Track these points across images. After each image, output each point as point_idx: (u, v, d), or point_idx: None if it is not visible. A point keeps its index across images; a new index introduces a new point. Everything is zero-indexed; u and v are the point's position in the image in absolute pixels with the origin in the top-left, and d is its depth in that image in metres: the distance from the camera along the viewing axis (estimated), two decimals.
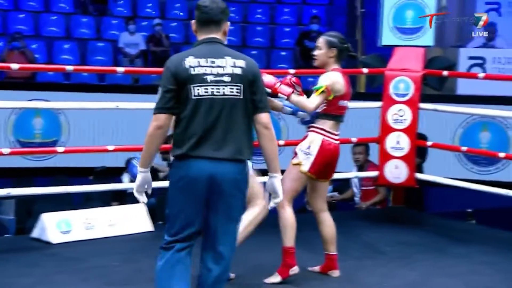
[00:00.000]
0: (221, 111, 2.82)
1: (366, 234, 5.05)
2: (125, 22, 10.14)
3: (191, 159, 2.81)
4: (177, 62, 2.82)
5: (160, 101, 2.82)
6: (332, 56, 3.84)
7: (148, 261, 4.20)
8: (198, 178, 2.82)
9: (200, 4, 2.94)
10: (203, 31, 2.92)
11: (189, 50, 2.90)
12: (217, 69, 2.83)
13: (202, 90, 2.80)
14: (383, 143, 5.51)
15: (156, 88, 2.89)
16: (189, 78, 2.80)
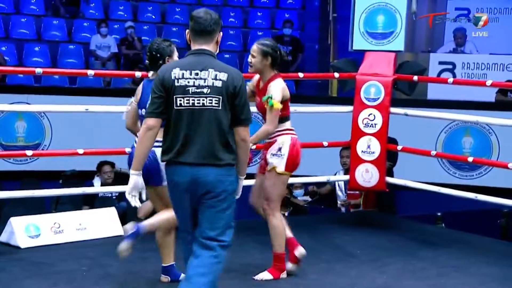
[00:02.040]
0: (201, 121, 3.04)
1: (337, 237, 5.07)
2: (97, 25, 10.07)
3: (176, 164, 3.08)
4: (166, 71, 3.08)
5: (150, 105, 3.09)
6: (267, 63, 3.97)
7: (118, 265, 4.18)
8: (185, 182, 3.08)
9: (194, 14, 3.16)
10: (196, 40, 3.14)
11: (179, 60, 3.19)
12: (199, 81, 3.05)
13: (184, 100, 3.04)
14: (354, 147, 5.53)
15: (128, 91, 2.95)
16: (174, 88, 3.04)
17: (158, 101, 3.05)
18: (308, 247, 4.78)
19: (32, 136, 7.94)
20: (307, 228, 5.31)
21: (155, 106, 3.06)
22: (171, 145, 3.08)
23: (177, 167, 3.08)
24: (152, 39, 10.73)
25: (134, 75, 5.38)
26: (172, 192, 3.18)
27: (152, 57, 3.69)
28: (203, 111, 3.04)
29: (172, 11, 11.19)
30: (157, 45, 3.69)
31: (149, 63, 3.72)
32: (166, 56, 3.67)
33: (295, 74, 6.56)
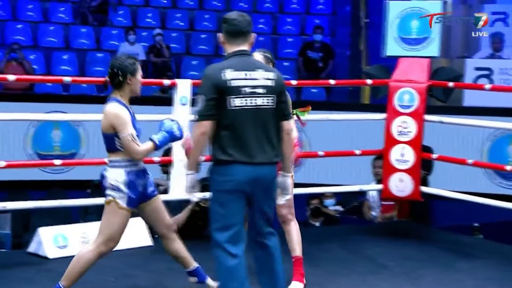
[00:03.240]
0: (257, 120, 3.17)
1: (370, 248, 5.03)
2: (125, 32, 10.17)
3: (236, 164, 3.15)
4: (217, 73, 3.14)
5: (203, 108, 3.14)
6: None
7: (145, 276, 4.21)
8: (245, 181, 3.16)
9: (228, 17, 3.27)
10: (233, 43, 3.24)
11: (225, 62, 3.21)
12: (252, 81, 3.17)
13: (239, 101, 3.14)
14: (387, 156, 5.50)
15: (156, 99, 2.97)
16: (228, 89, 3.13)
17: (211, 103, 3.12)
18: (340, 258, 4.77)
19: (68, 145, 8.05)
20: (339, 239, 5.29)
21: (208, 108, 3.12)
22: (228, 145, 3.15)
23: (236, 166, 3.16)
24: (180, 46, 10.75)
25: (163, 83, 5.42)
26: (229, 193, 3.19)
27: (113, 74, 3.54)
28: (258, 110, 3.17)
29: (200, 18, 11.26)
30: (120, 62, 3.54)
31: (109, 81, 3.58)
32: (128, 74, 3.52)
33: (326, 81, 6.58)
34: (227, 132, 3.15)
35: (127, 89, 3.55)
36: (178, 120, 3.78)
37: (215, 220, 3.25)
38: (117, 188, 3.50)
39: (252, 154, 3.17)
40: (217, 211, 3.23)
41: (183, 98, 4.97)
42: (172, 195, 5.07)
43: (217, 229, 3.23)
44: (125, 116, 3.49)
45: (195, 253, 4.72)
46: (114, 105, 3.51)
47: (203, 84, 3.17)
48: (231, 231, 3.22)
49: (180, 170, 4.99)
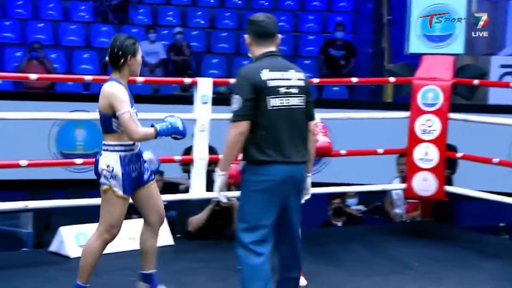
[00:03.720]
0: (291, 120, 3.22)
1: (393, 248, 5.01)
2: (146, 31, 10.21)
3: (272, 163, 3.18)
4: (254, 73, 3.19)
5: (240, 109, 3.17)
6: None
7: (167, 275, 4.21)
8: (281, 180, 3.19)
9: (254, 19, 3.34)
10: (260, 44, 3.29)
11: (259, 62, 3.25)
12: (286, 82, 3.23)
13: (276, 101, 3.19)
14: (411, 155, 5.47)
15: (176, 98, 2.97)
16: (266, 90, 3.17)
17: (248, 104, 3.16)
18: (362, 258, 4.75)
19: (91, 144, 8.09)
20: (361, 239, 5.28)
21: (245, 109, 3.16)
22: (264, 145, 3.19)
23: (273, 166, 3.19)
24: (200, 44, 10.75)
25: (183, 82, 5.44)
26: (263, 192, 3.20)
27: (113, 55, 3.49)
28: (293, 110, 3.23)
29: (221, 16, 11.28)
30: (120, 42, 3.49)
31: (109, 61, 3.52)
32: (129, 54, 3.48)
33: (348, 79, 6.55)
34: (264, 132, 3.18)
35: (126, 70, 3.51)
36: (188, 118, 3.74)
37: (244, 220, 3.25)
38: (110, 175, 3.45)
39: (287, 153, 3.21)
40: (248, 212, 3.23)
41: (204, 97, 4.98)
42: (193, 194, 5.09)
43: (244, 230, 3.23)
44: (123, 94, 3.43)
45: (216, 253, 4.75)
46: (113, 84, 3.46)
47: (239, 85, 3.19)
48: (260, 232, 3.22)
49: (201, 170, 5.00)
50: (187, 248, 4.94)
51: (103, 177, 3.47)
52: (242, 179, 3.28)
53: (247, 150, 3.22)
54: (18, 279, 4.12)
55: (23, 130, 7.47)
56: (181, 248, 4.94)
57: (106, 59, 3.53)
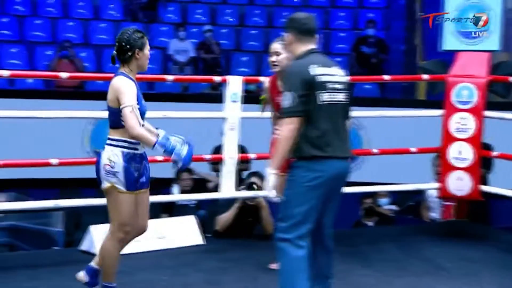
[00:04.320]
0: (338, 115, 3.29)
1: (426, 249, 4.97)
2: (175, 29, 10.27)
3: (326, 159, 3.22)
4: (304, 69, 3.24)
5: (294, 105, 3.21)
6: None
7: (198, 275, 4.24)
8: (333, 176, 3.24)
9: (297, 17, 3.42)
10: (303, 41, 3.35)
11: (306, 59, 3.30)
12: (332, 77, 3.29)
13: (325, 96, 3.25)
14: (445, 154, 5.42)
15: (205, 97, 2.98)
16: (316, 85, 3.23)
17: (302, 99, 3.20)
18: (395, 258, 4.72)
19: None
20: (394, 239, 5.24)
21: (300, 105, 3.20)
22: (316, 140, 3.22)
23: (324, 161, 3.23)
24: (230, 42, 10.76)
25: (213, 80, 5.45)
26: (314, 189, 3.22)
27: (120, 48, 3.44)
28: (338, 105, 3.29)
29: (250, 13, 11.29)
30: (128, 35, 3.44)
31: (116, 55, 3.48)
32: (136, 48, 3.43)
33: (380, 77, 6.51)
34: (315, 127, 3.22)
35: (134, 64, 3.46)
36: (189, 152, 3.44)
37: (289, 217, 3.24)
38: (112, 172, 3.40)
39: (336, 148, 3.26)
40: (295, 209, 3.23)
41: (234, 95, 4.99)
42: (222, 194, 5.10)
43: (288, 227, 3.23)
44: (130, 88, 3.38)
45: (246, 252, 4.76)
46: (121, 78, 3.42)
47: (290, 81, 3.24)
48: (304, 228, 3.24)
49: (230, 169, 5.01)
50: (217, 248, 4.96)
51: (104, 173, 3.41)
52: (292, 175, 3.28)
53: (298, 146, 3.24)
54: (49, 278, 4.17)
55: (56, 129, 7.56)
56: (211, 248, 4.96)
57: (114, 53, 3.49)
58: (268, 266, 4.33)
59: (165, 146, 3.38)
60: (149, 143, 3.37)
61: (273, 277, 4.20)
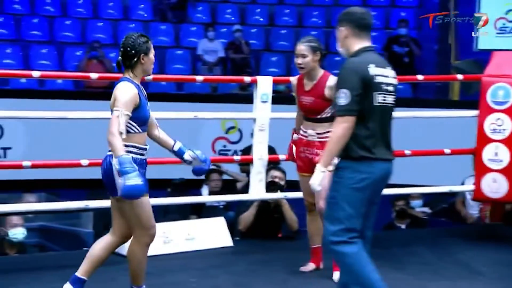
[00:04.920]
0: (387, 117, 3.26)
1: (461, 252, 4.91)
2: (204, 29, 10.31)
3: (374, 160, 3.20)
4: (363, 68, 3.18)
5: (349, 103, 3.15)
6: (317, 60, 4.11)
7: (227, 277, 4.25)
8: (379, 178, 3.23)
9: (354, 10, 3.34)
10: (359, 37, 3.28)
11: (364, 57, 3.23)
12: (387, 78, 3.25)
13: (380, 97, 3.21)
14: (479, 155, 5.35)
15: (235, 97, 2.97)
16: (374, 85, 3.19)
17: (358, 99, 3.15)
18: (428, 262, 4.67)
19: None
20: (427, 242, 5.19)
21: (355, 104, 3.15)
22: (367, 141, 3.19)
23: (371, 163, 3.20)
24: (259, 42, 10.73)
25: (243, 80, 5.45)
26: (363, 190, 3.19)
27: (125, 54, 3.47)
28: (388, 108, 3.26)
29: (280, 13, 11.29)
30: (133, 40, 3.46)
31: (122, 60, 3.50)
32: (141, 53, 3.44)
33: (413, 77, 6.44)
34: (365, 128, 3.18)
35: (139, 68, 3.48)
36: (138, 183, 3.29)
37: (339, 221, 3.19)
38: None
39: (386, 151, 3.25)
40: (345, 211, 3.18)
41: (264, 95, 4.98)
42: (251, 195, 5.10)
43: (339, 230, 3.19)
44: (128, 95, 3.37)
45: (275, 254, 4.75)
46: (125, 83, 3.43)
47: (348, 78, 3.17)
48: (354, 232, 3.20)
49: (260, 170, 5.01)
50: (245, 249, 4.96)
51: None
52: (339, 177, 3.23)
53: (347, 146, 3.19)
54: None
55: (85, 129, 7.63)
56: (240, 249, 4.97)
57: (119, 58, 3.51)
58: (300, 269, 4.31)
59: (122, 165, 3.25)
60: (115, 152, 3.29)
61: (303, 280, 4.21)
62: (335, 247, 3.20)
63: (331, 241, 3.20)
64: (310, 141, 4.16)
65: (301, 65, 4.11)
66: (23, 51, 9.79)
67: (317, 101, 4.10)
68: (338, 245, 3.19)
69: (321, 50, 4.13)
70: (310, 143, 4.17)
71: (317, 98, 4.10)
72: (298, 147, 4.26)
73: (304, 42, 4.13)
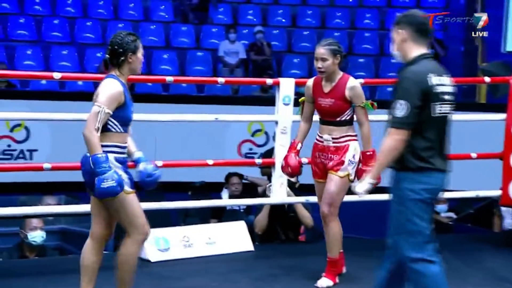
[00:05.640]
0: (444, 126, 3.19)
1: (487, 259, 4.87)
2: (226, 30, 10.33)
3: (433, 171, 3.13)
4: (423, 78, 3.10)
5: (407, 116, 3.07)
6: (337, 63, 4.10)
7: (248, 281, 4.25)
8: (435, 189, 3.16)
9: (415, 14, 3.26)
10: (418, 43, 3.19)
11: (422, 65, 3.14)
12: (445, 88, 3.15)
13: (439, 108, 3.12)
14: (507, 160, 5.29)
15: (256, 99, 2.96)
16: (433, 96, 3.10)
17: (416, 111, 3.06)
18: (453, 268, 4.62)
19: None
20: (452, 248, 5.14)
21: (412, 116, 3.06)
22: (426, 153, 3.12)
23: (430, 174, 3.13)
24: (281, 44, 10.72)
25: (265, 82, 5.46)
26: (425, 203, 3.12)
27: (113, 52, 3.43)
28: (446, 118, 3.18)
29: (303, 14, 11.28)
30: (121, 39, 3.44)
31: (109, 59, 3.46)
32: (129, 52, 3.42)
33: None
34: (423, 138, 3.11)
35: (126, 67, 3.45)
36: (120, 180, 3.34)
37: (411, 236, 3.11)
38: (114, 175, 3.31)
39: (443, 161, 3.18)
40: (416, 225, 3.11)
41: (286, 98, 4.98)
42: (273, 199, 5.09)
43: (416, 245, 3.10)
44: (114, 93, 3.35)
45: (295, 259, 4.74)
46: (111, 80, 3.41)
47: (408, 89, 3.07)
48: (431, 244, 3.14)
49: (282, 173, 4.99)
50: (267, 254, 4.96)
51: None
52: (399, 189, 3.15)
53: (404, 157, 3.11)
54: (98, 282, 4.21)
55: None
56: (261, 254, 4.96)
57: (106, 57, 3.48)
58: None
59: (98, 165, 3.26)
60: (91, 150, 3.29)
61: None
62: (415, 266, 3.11)
63: (411, 258, 3.12)
64: (325, 146, 4.16)
65: (321, 69, 4.11)
66: (44, 52, 9.88)
67: (338, 102, 4.10)
68: (418, 263, 3.11)
69: (341, 53, 4.12)
70: (325, 148, 4.17)
71: (338, 99, 4.10)
72: (314, 152, 4.26)
73: (324, 45, 4.12)
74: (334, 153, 4.12)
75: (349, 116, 4.12)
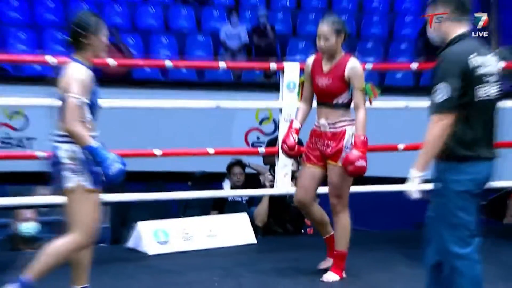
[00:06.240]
0: (490, 111, 3.08)
1: (503, 252, 4.89)
2: (227, 13, 10.28)
3: (478, 160, 3.05)
4: (464, 59, 3.00)
5: (449, 99, 2.97)
6: (340, 41, 4.07)
7: (251, 276, 4.24)
8: (482, 179, 3.08)
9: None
10: (460, 22, 3.09)
11: (463, 45, 3.05)
12: (489, 68, 3.05)
13: (482, 91, 3.03)
14: None
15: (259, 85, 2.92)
16: (475, 78, 3.01)
17: (457, 93, 2.97)
18: None
19: None
20: None
21: (454, 99, 2.97)
22: (470, 140, 3.04)
23: (475, 163, 3.05)
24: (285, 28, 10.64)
25: (269, 67, 5.43)
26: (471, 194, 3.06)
27: (74, 33, 3.36)
28: (492, 101, 3.07)
29: None
30: (81, 20, 3.38)
31: (70, 40, 3.40)
32: (90, 33, 3.37)
33: None
34: (466, 125, 3.03)
35: (89, 50, 3.40)
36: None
37: (456, 229, 3.07)
38: (78, 170, 3.29)
39: (490, 149, 3.09)
40: (461, 218, 3.07)
41: (291, 83, 4.96)
42: (278, 190, 5.08)
43: (461, 240, 3.07)
44: (85, 80, 3.30)
45: (300, 252, 4.73)
46: (77, 66, 3.35)
47: (447, 71, 2.99)
48: (477, 239, 3.10)
49: (286, 162, 4.98)
50: (270, 247, 4.96)
51: (71, 173, 3.28)
52: (443, 181, 3.08)
53: (446, 147, 3.02)
54: (96, 275, 4.19)
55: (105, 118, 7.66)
56: (265, 247, 4.96)
57: (67, 38, 3.42)
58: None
59: (98, 154, 3.25)
60: (83, 142, 3.25)
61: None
62: (457, 262, 3.07)
63: (455, 253, 3.07)
64: (322, 132, 4.15)
65: (323, 49, 4.08)
66: (37, 35, 9.83)
67: (335, 82, 4.07)
68: (461, 260, 3.07)
69: (345, 31, 4.08)
70: (322, 134, 4.15)
71: (336, 79, 4.07)
72: (311, 138, 4.24)
73: (327, 23, 4.06)
74: (331, 139, 4.10)
75: (346, 100, 4.08)
